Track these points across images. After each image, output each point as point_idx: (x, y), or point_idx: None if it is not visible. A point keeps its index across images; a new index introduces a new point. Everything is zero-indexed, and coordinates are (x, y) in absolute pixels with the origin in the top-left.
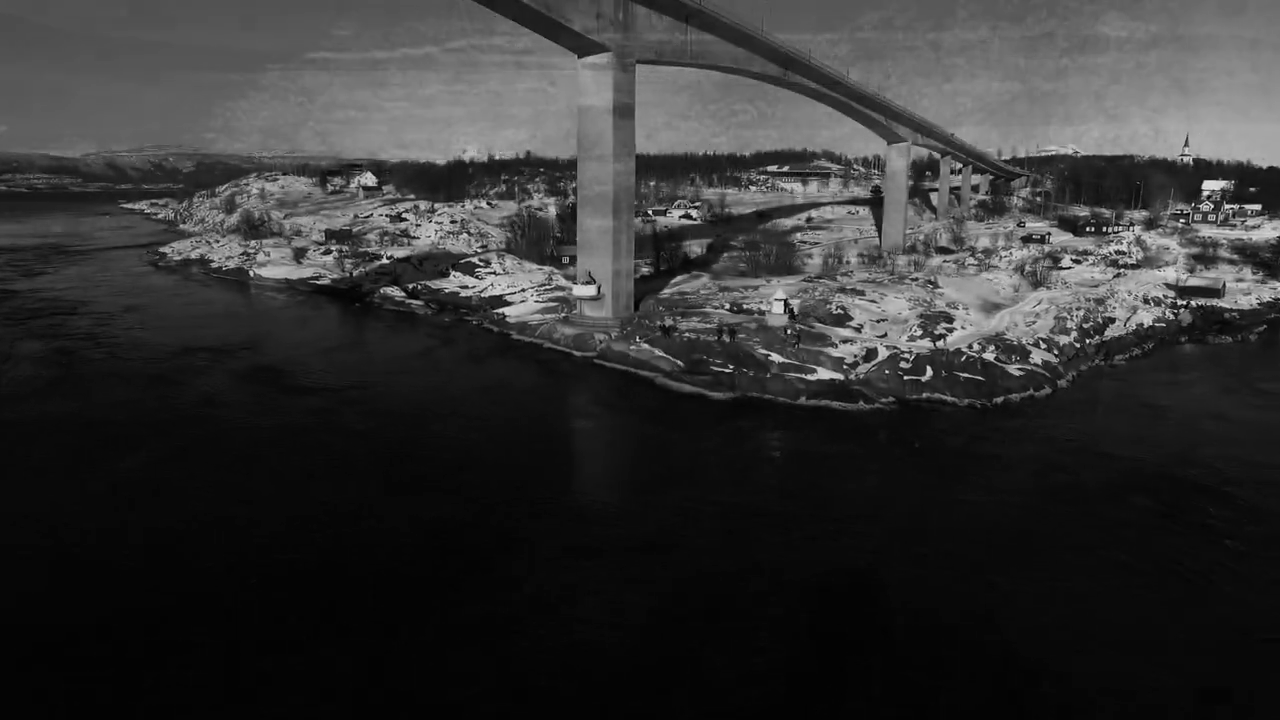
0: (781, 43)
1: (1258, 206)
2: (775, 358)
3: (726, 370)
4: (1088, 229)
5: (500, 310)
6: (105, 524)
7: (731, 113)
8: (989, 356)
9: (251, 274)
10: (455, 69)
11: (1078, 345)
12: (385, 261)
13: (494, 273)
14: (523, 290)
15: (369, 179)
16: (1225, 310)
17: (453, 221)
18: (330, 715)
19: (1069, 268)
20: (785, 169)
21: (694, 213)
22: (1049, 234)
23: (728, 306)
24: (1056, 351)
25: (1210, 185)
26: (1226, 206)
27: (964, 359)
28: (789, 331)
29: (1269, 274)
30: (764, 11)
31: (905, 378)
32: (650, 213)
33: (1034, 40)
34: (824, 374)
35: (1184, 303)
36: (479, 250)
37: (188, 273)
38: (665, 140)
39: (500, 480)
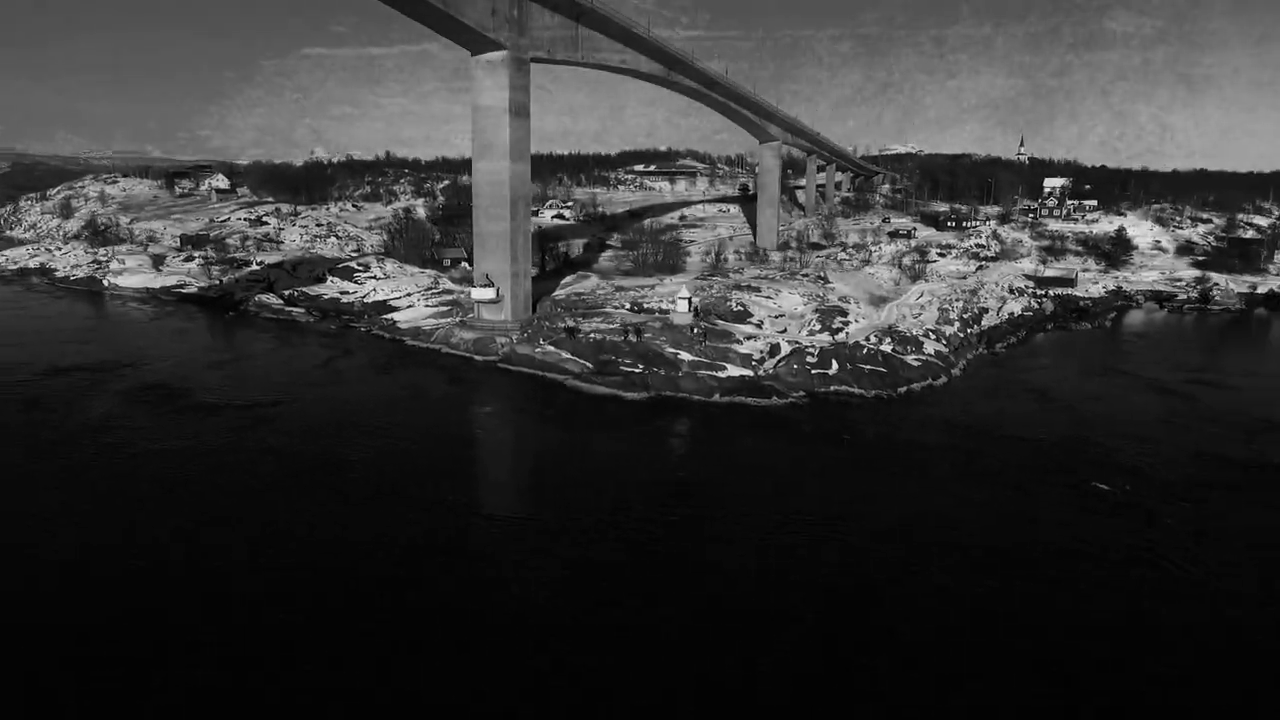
0: (666, 43)
1: (1094, 202)
2: (685, 356)
3: (637, 370)
4: (949, 224)
5: (389, 316)
6: (49, 556)
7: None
8: (887, 348)
9: (107, 283)
10: (454, 65)
11: (961, 335)
12: (256, 267)
13: (374, 277)
14: (408, 295)
15: (221, 181)
16: (1080, 298)
17: (318, 225)
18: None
19: (935, 261)
20: (652, 168)
21: (567, 212)
22: (914, 229)
23: (628, 306)
24: (945, 341)
25: (1051, 182)
26: (1069, 202)
27: (865, 351)
28: (695, 330)
29: (1110, 264)
30: (768, 6)
31: (813, 372)
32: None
33: (1039, 36)
34: (734, 370)
35: (1043, 292)
36: (354, 254)
37: (28, 283)
38: (665, 136)
39: (449, 491)
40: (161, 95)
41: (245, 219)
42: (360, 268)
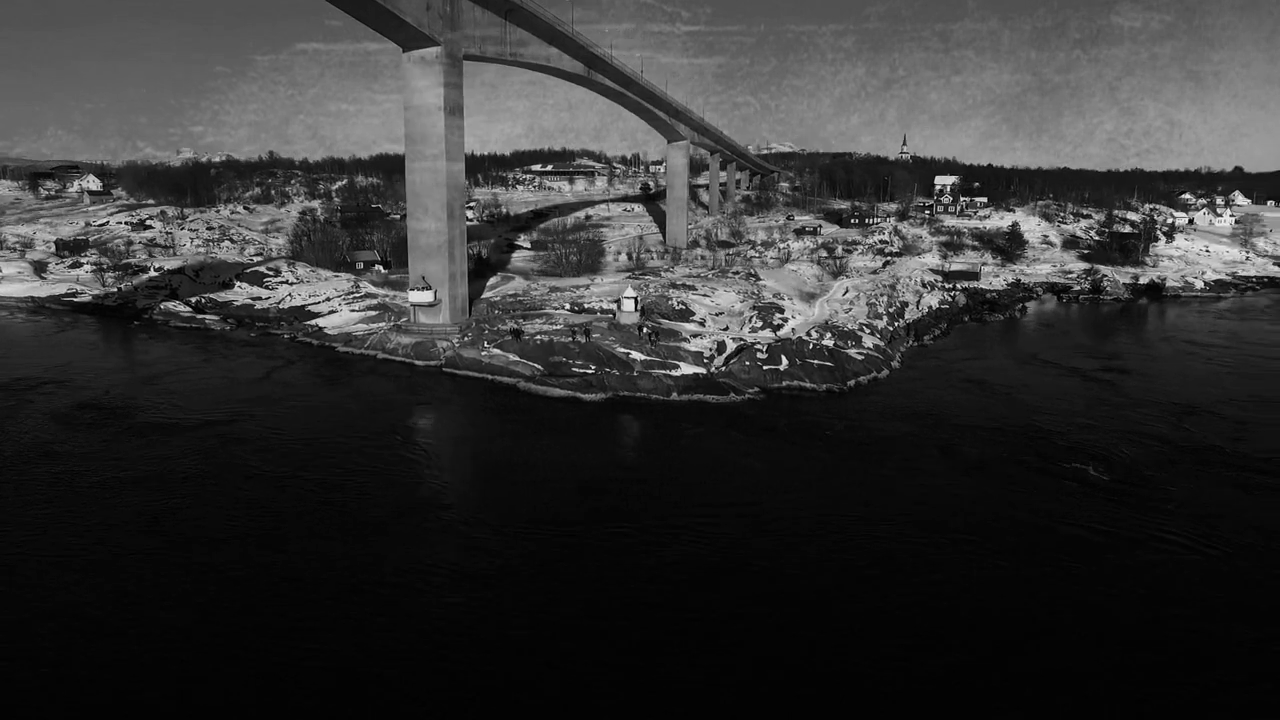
0: (589, 41)
1: (984, 199)
2: (637, 355)
3: (590, 371)
4: (852, 220)
5: (314, 322)
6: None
7: (734, 105)
8: (829, 343)
9: None
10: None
11: (891, 329)
12: (154, 274)
13: (286, 282)
14: (328, 299)
15: (92, 182)
16: (986, 291)
17: (209, 228)
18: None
19: (843, 257)
20: (549, 168)
21: (469, 213)
22: (820, 226)
23: (568, 307)
24: (879, 335)
25: (942, 180)
26: (962, 199)
27: (811, 347)
28: (644, 329)
29: (1005, 258)
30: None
31: (765, 368)
32: None
33: (1045, 31)
34: (687, 369)
35: (951, 285)
36: (256, 258)
37: None
38: (558, 136)
39: (439, 509)
40: (153, 91)
41: (127, 223)
42: (270, 272)
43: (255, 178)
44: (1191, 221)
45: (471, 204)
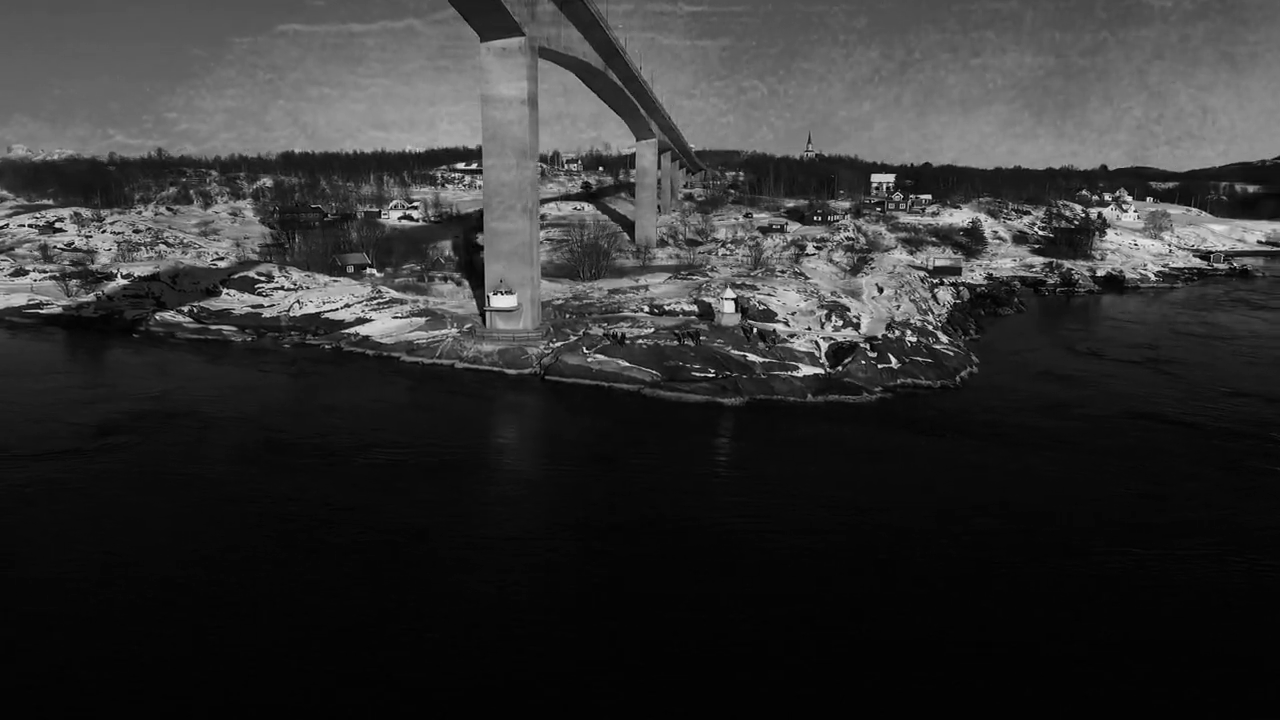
0: (611, 33)
1: (928, 196)
2: (753, 358)
3: (710, 375)
4: (816, 218)
5: (354, 331)
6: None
7: (740, 90)
8: (913, 339)
9: None
10: (439, 43)
11: (941, 324)
12: (124, 282)
13: (282, 288)
14: (347, 306)
15: None
16: (975, 285)
17: (136, 231)
18: None
19: (813, 254)
20: (474, 166)
21: (414, 213)
22: (785, 224)
23: (647, 309)
24: (944, 331)
25: (878, 177)
26: (910, 196)
27: (909, 344)
28: (754, 331)
29: (967, 254)
30: None
31: (879, 367)
32: (364, 213)
33: (1070, 11)
34: (807, 370)
35: (938, 280)
36: (219, 262)
37: None
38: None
39: (705, 528)
40: (127, 76)
41: (31, 225)
42: (261, 277)
43: (168, 177)
44: (1100, 217)
45: (415, 204)
